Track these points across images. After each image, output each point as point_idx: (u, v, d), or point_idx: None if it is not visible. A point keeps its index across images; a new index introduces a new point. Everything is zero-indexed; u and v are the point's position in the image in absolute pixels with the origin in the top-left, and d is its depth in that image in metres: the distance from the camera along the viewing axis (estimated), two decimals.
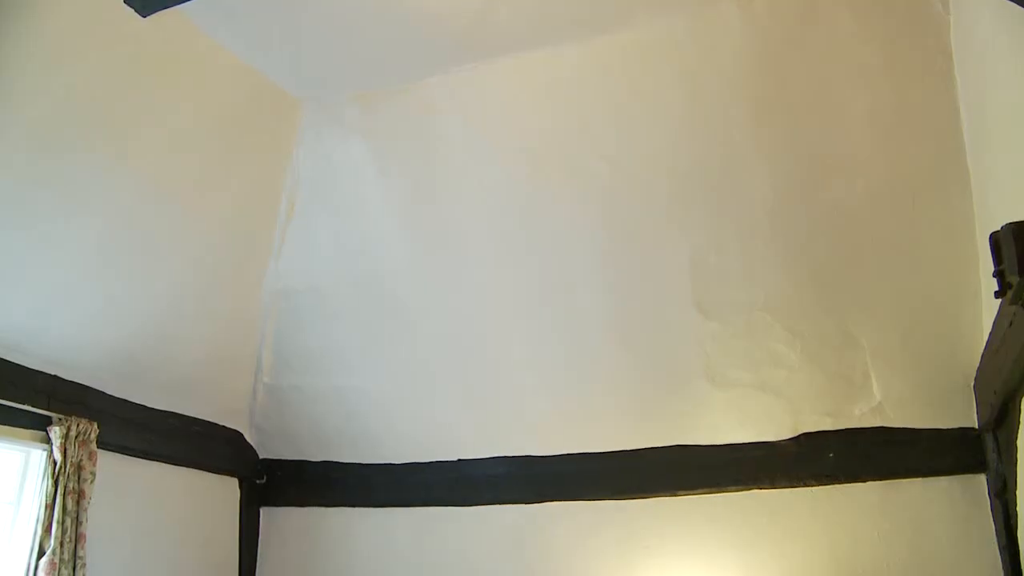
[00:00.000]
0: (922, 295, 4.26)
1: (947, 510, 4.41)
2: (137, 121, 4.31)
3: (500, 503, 5.54)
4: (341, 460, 6.04)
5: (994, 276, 2.83)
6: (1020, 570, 3.92)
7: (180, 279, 4.99)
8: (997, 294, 2.89)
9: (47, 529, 4.43)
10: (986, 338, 3.85)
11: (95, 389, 4.88)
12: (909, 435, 4.52)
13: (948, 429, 4.44)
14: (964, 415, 4.37)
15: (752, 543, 4.80)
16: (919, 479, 4.50)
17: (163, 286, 4.92)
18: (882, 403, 4.54)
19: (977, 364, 4.11)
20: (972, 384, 4.28)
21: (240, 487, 6.14)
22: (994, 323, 3.59)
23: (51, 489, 4.47)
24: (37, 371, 4.55)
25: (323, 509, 6.06)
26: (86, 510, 4.60)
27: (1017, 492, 3.79)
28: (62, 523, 4.45)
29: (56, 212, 4.19)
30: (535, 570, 5.33)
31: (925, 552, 4.43)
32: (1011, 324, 3.18)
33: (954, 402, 4.39)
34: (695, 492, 5.02)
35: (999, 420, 3.89)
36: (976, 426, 4.34)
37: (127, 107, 4.22)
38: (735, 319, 4.70)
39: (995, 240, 2.81)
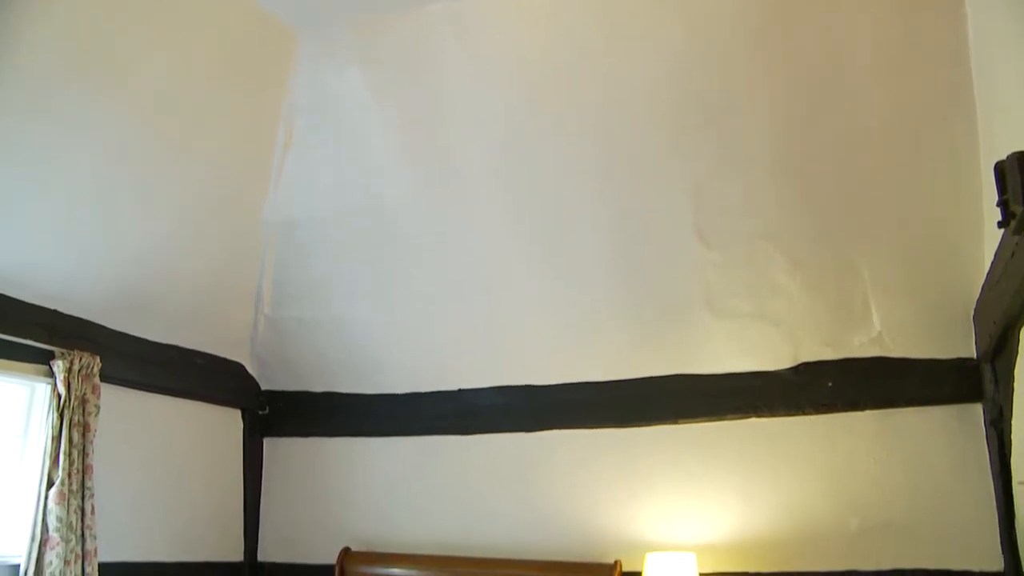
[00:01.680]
0: (924, 225, 4.24)
1: (943, 439, 4.47)
2: (132, 54, 4.23)
3: (501, 432, 5.61)
4: (342, 390, 6.09)
5: (997, 206, 2.80)
6: (1012, 497, 3.98)
7: (178, 211, 4.95)
8: (1000, 224, 2.87)
9: (55, 461, 4.49)
10: (987, 269, 3.84)
11: (96, 323, 4.90)
12: (907, 365, 4.55)
13: (946, 359, 4.46)
14: (963, 345, 4.39)
15: (750, 470, 4.87)
16: (916, 408, 4.55)
17: (161, 218, 4.89)
18: (881, 333, 4.56)
19: (977, 295, 4.11)
20: (972, 315, 4.29)
21: (243, 418, 6.22)
22: (996, 253, 3.57)
23: (57, 422, 4.52)
24: (37, 306, 4.56)
25: (325, 439, 6.14)
26: (92, 442, 4.67)
27: (1013, 421, 3.83)
28: (69, 455, 4.52)
29: (52, 146, 4.14)
30: (536, 496, 5.42)
31: (920, 479, 4.50)
32: (1013, 255, 3.17)
33: (953, 332, 4.40)
34: (694, 420, 5.07)
35: (997, 350, 3.91)
36: (974, 356, 4.36)
37: (122, 40, 4.14)
38: (736, 249, 4.69)
39: (1000, 169, 2.77)
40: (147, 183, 4.69)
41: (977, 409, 4.39)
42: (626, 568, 4.96)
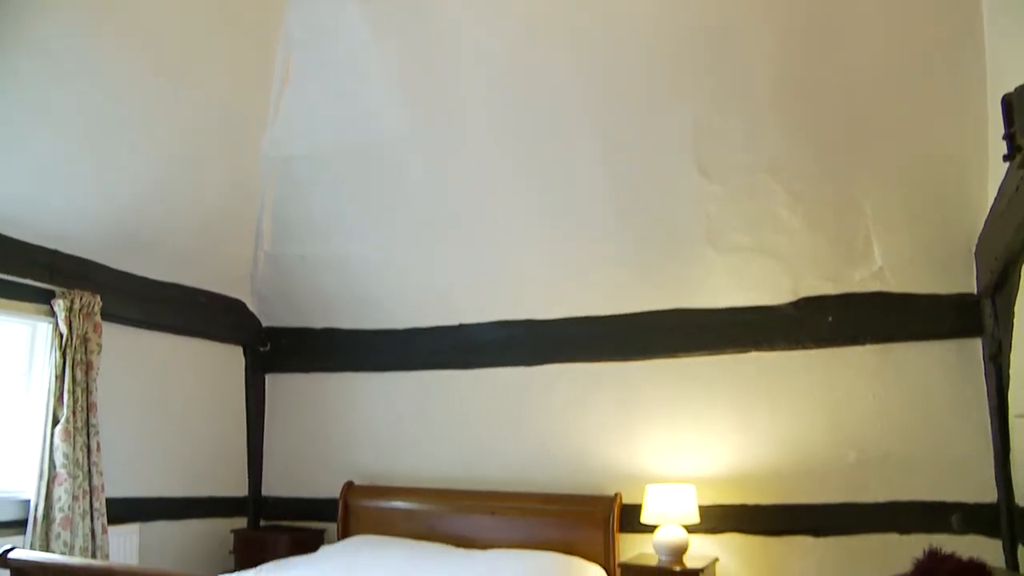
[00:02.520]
0: (928, 159, 4.18)
1: (941, 373, 4.49)
2: None
3: (501, 366, 5.65)
4: (343, 326, 6.12)
5: (1004, 139, 2.77)
6: (1008, 430, 4.01)
7: (176, 148, 4.91)
8: (1006, 157, 2.84)
9: (59, 399, 4.54)
10: (991, 204, 3.81)
11: (96, 262, 4.91)
12: (908, 300, 4.55)
13: (947, 294, 4.45)
14: (963, 281, 4.38)
15: (750, 404, 4.91)
16: (916, 343, 4.56)
17: (159, 156, 4.85)
18: (882, 268, 4.54)
19: (980, 230, 4.08)
20: (973, 250, 4.27)
21: (244, 355, 6.27)
22: (1000, 188, 3.53)
23: (59, 360, 4.56)
24: (37, 246, 4.57)
25: (327, 375, 6.20)
26: (95, 380, 4.72)
27: (1012, 355, 3.84)
28: (73, 393, 4.57)
29: (48, 84, 4.09)
30: (536, 430, 5.48)
31: (918, 413, 4.53)
32: (1017, 189, 3.13)
33: (954, 268, 4.39)
34: (694, 355, 5.09)
35: (998, 285, 3.90)
36: (975, 291, 4.36)
37: None
38: (737, 182, 4.64)
39: (1007, 102, 2.73)
40: (143, 121, 4.64)
41: (976, 344, 4.40)
42: (626, 500, 5.04)
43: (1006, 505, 4.10)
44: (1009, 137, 2.75)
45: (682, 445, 5.04)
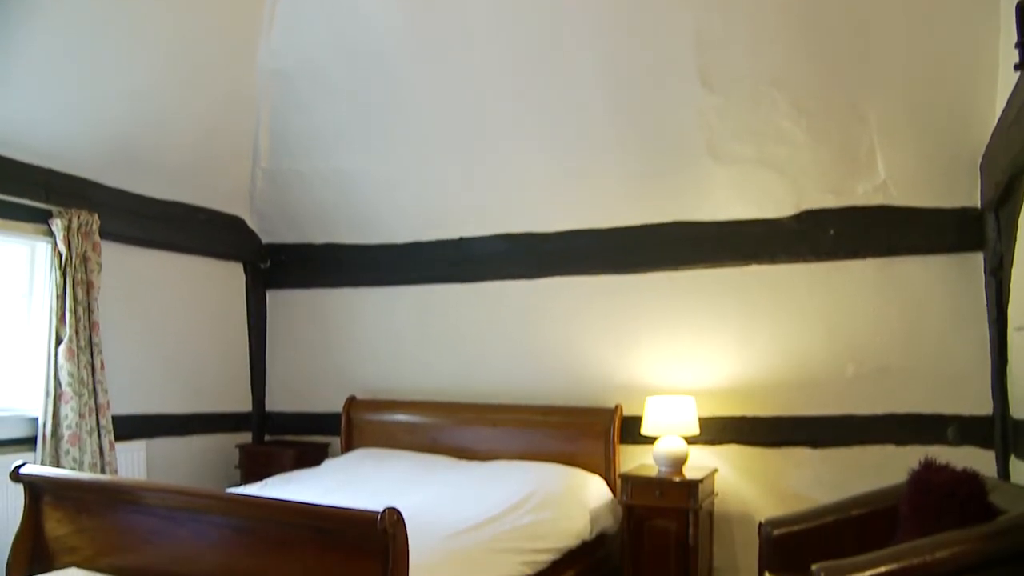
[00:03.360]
0: (936, 70, 4.08)
1: (942, 287, 4.48)
2: None
3: (502, 279, 5.65)
4: (343, 241, 6.10)
5: (1016, 48, 2.71)
6: (1007, 344, 4.02)
7: (168, 61, 4.80)
8: (1017, 66, 2.79)
9: (61, 319, 4.56)
10: (998, 116, 3.74)
11: (93, 181, 4.87)
12: (910, 214, 4.50)
13: (950, 208, 4.41)
14: (967, 194, 4.33)
15: (750, 317, 4.92)
16: (917, 257, 4.54)
17: (151, 70, 4.75)
18: (886, 181, 4.48)
19: (986, 143, 4.02)
20: (979, 163, 4.21)
21: (245, 272, 6.28)
22: (1009, 98, 3.47)
23: (60, 280, 4.57)
24: (31, 165, 4.53)
25: (327, 290, 6.21)
26: (96, 299, 4.73)
27: (1013, 269, 3.82)
28: (75, 312, 4.59)
29: None
30: (537, 343, 5.51)
31: (918, 326, 4.54)
32: None
33: (958, 181, 4.33)
34: (695, 267, 5.08)
35: (1003, 199, 3.86)
36: (978, 206, 4.31)
37: None
38: (740, 93, 4.54)
39: (1021, 9, 2.66)
40: (133, 33, 4.52)
41: (977, 258, 4.37)
42: (627, 412, 5.10)
43: (1001, 417, 4.14)
44: (1021, 45, 2.69)
45: (682, 357, 5.07)
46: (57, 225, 4.56)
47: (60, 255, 4.58)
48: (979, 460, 3.96)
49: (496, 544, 3.69)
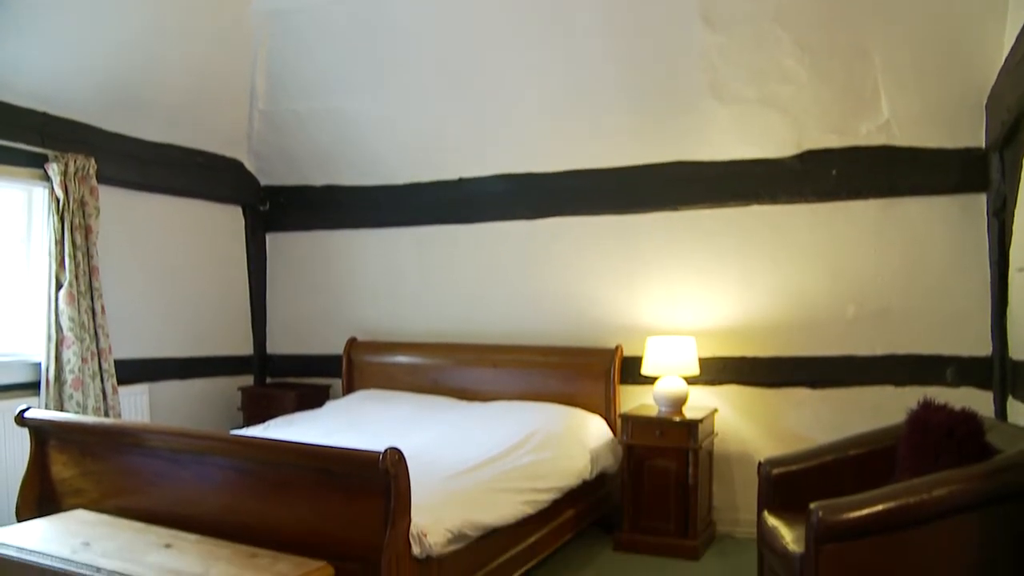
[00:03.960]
0: (943, 6, 3.98)
1: (944, 228, 4.47)
2: None
3: (502, 220, 5.62)
4: (342, 183, 6.06)
5: None
6: (1008, 286, 4.01)
7: (163, 1, 4.70)
8: None
9: (60, 264, 4.56)
10: (1006, 54, 3.68)
11: (89, 125, 4.82)
12: (914, 154, 4.47)
13: (954, 149, 4.37)
14: (972, 134, 4.29)
15: (751, 258, 4.92)
16: (920, 198, 4.52)
17: (146, 10, 4.66)
18: (890, 121, 4.44)
19: (993, 81, 3.96)
20: (984, 102, 4.16)
21: (244, 215, 6.25)
22: (1018, 36, 3.41)
23: (58, 225, 4.55)
24: (24, 108, 4.47)
25: (327, 232, 6.19)
26: (95, 244, 4.72)
27: (1016, 211, 3.80)
28: (74, 257, 4.58)
29: None
30: (537, 282, 5.51)
31: (919, 268, 4.54)
32: None
33: (963, 121, 4.28)
34: (696, 207, 5.06)
35: (1008, 139, 3.81)
36: (983, 145, 4.27)
37: None
38: (743, 31, 4.47)
39: None
40: None
41: (980, 199, 4.35)
42: (627, 352, 5.12)
43: (1000, 358, 4.16)
44: None
45: (683, 298, 5.08)
46: (53, 169, 4.53)
47: (57, 200, 4.55)
48: (977, 401, 3.98)
49: (497, 483, 3.73)
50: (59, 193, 4.53)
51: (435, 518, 3.09)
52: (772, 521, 3.45)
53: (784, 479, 3.65)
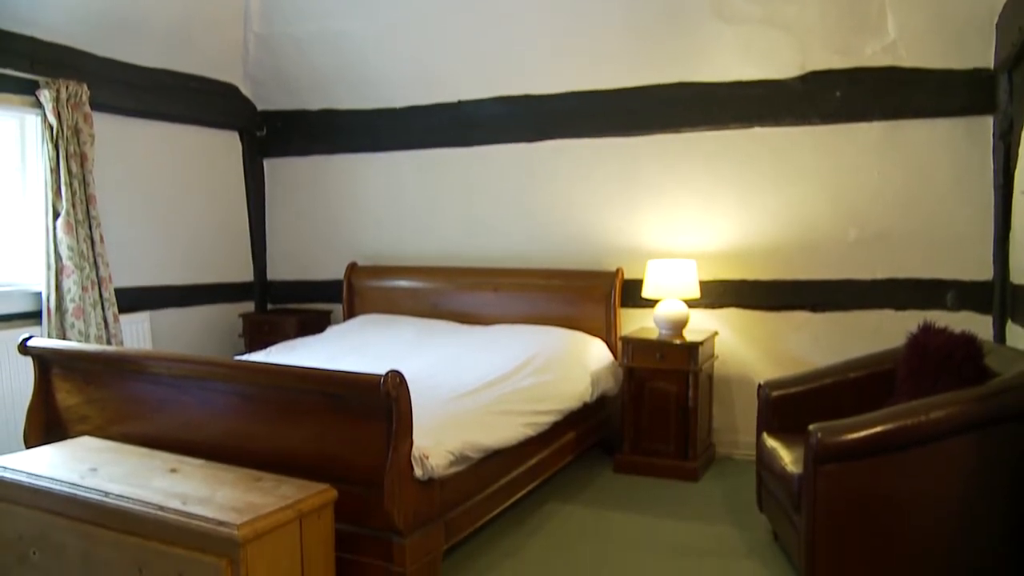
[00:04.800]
0: None
1: (948, 151, 4.41)
2: None
3: (502, 143, 5.56)
4: (340, 107, 5.99)
5: None
6: (1011, 209, 3.99)
7: None
8: None
9: (56, 192, 4.52)
10: None
11: (79, 50, 4.73)
12: (920, 75, 4.39)
13: (961, 70, 4.29)
14: (980, 55, 4.19)
15: (753, 180, 4.87)
16: (925, 120, 4.44)
17: None
18: (896, 41, 4.35)
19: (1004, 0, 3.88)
20: (995, 21, 4.06)
21: (241, 140, 6.18)
22: None
23: (52, 153, 4.50)
24: (13, 33, 4.37)
25: (325, 157, 6.13)
26: (91, 172, 4.68)
27: (1023, 133, 3.75)
28: (70, 186, 4.54)
29: None
30: (538, 205, 5.48)
31: (921, 191, 4.50)
32: None
33: (971, 41, 4.18)
34: (698, 129, 4.99)
35: (1017, 59, 3.74)
36: (991, 66, 4.19)
37: None
38: None
39: None
40: None
41: (987, 122, 4.28)
42: (628, 276, 5.11)
43: (1000, 283, 4.16)
44: None
45: (684, 221, 5.06)
46: (45, 96, 4.46)
47: (51, 127, 4.49)
48: (976, 325, 3.98)
49: (498, 406, 3.75)
50: (52, 120, 4.47)
51: (437, 440, 3.12)
52: (771, 443, 3.49)
53: (783, 401, 3.68)
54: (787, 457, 3.26)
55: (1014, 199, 3.91)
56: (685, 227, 5.05)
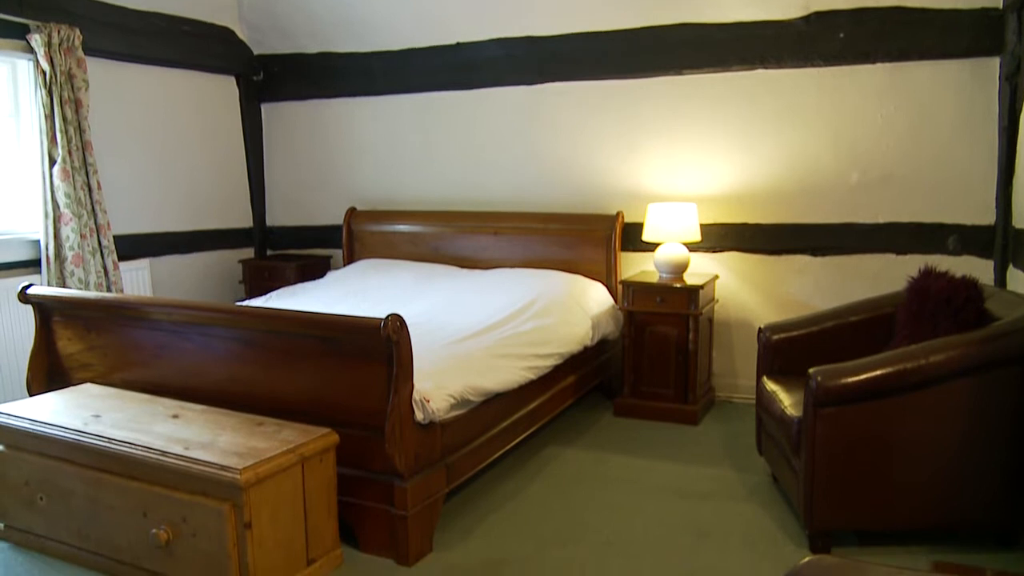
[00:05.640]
0: None
1: (952, 93, 4.34)
2: None
3: (501, 85, 5.50)
4: (337, 50, 5.91)
5: None
6: (1016, 152, 3.95)
7: None
8: None
9: (52, 139, 4.48)
10: None
11: None
12: (926, 15, 4.30)
13: (968, 9, 4.20)
14: None
15: (754, 123, 4.82)
16: (930, 62, 4.37)
17: None
18: None
19: None
20: None
21: (238, 85, 6.11)
22: None
23: (46, 99, 4.45)
24: None
25: (323, 101, 6.07)
26: (87, 118, 4.63)
27: None
28: (65, 132, 4.50)
29: None
30: (538, 148, 5.44)
31: (925, 134, 4.44)
32: None
33: None
34: (699, 71, 4.93)
35: None
36: (1000, 5, 4.10)
37: None
38: None
39: None
40: None
41: (993, 64, 4.20)
42: (628, 219, 5.10)
43: (1003, 227, 4.14)
44: None
45: (685, 164, 5.02)
46: (36, 41, 4.39)
47: (44, 72, 4.43)
48: (977, 269, 3.99)
49: (498, 349, 3.75)
50: (45, 65, 4.41)
51: (437, 384, 3.14)
52: (771, 386, 3.51)
53: (783, 345, 3.69)
54: (787, 400, 3.28)
55: (1019, 142, 3.87)
56: (686, 170, 5.01)
